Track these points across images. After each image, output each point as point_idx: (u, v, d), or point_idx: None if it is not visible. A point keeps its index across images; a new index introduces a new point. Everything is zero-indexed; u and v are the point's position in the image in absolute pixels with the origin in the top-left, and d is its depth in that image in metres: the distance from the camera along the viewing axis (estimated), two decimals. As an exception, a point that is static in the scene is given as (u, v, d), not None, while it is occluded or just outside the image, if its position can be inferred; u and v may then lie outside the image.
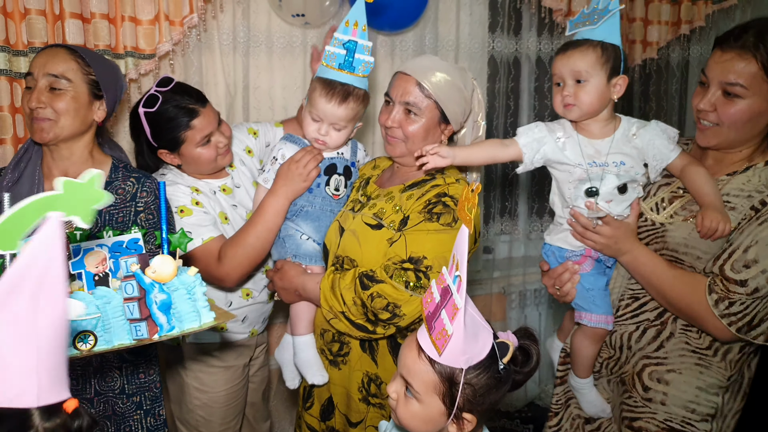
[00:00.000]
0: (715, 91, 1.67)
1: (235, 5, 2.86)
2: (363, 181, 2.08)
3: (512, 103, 3.63)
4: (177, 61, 2.80)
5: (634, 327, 1.85)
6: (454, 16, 3.28)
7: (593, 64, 1.68)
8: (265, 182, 2.02)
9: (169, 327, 1.38)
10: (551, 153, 1.77)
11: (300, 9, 2.77)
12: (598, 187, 1.72)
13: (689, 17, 3.58)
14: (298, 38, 3.00)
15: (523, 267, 3.79)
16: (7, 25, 2.37)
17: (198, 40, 2.79)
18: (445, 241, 1.74)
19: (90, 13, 2.50)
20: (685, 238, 1.72)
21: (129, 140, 2.80)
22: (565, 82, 1.73)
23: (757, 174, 1.68)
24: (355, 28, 1.88)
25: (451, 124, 1.90)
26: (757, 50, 1.60)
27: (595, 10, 1.70)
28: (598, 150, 1.74)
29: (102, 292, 1.35)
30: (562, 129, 1.79)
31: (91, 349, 1.33)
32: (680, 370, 1.77)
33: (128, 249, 1.44)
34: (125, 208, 1.92)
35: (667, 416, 1.78)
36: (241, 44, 2.91)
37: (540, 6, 3.30)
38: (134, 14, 2.56)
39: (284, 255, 1.99)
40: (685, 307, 1.69)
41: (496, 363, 1.23)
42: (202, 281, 1.43)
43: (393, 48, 3.18)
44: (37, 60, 1.85)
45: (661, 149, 1.74)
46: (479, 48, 3.39)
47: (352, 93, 1.89)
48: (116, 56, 2.55)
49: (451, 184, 1.84)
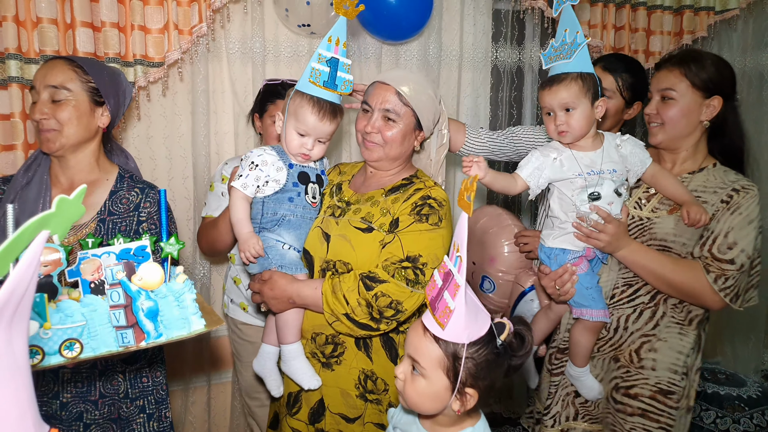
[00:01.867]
0: (656, 99, 2.13)
1: (243, 15, 2.91)
2: (334, 186, 2.13)
3: (515, 111, 3.67)
4: (185, 70, 2.85)
5: (632, 310, 2.14)
6: (457, 26, 3.32)
7: (577, 94, 1.93)
8: (243, 188, 1.93)
9: (157, 334, 1.38)
10: (553, 174, 2.01)
11: (306, 19, 2.81)
12: (600, 191, 1.99)
13: (691, 28, 3.61)
14: (304, 47, 3.05)
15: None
16: (20, 34, 2.42)
17: (206, 48, 2.84)
18: (435, 239, 1.89)
19: (101, 21, 2.55)
20: (673, 228, 2.06)
21: (137, 146, 2.85)
22: (555, 113, 1.97)
23: (711, 174, 2.10)
24: (337, 46, 1.93)
25: (424, 131, 2.04)
26: (680, 65, 2.09)
27: (564, 44, 1.95)
28: (593, 160, 2.00)
29: (89, 300, 1.36)
30: (555, 150, 2.02)
31: (77, 357, 1.33)
32: (666, 338, 2.11)
33: (135, 256, 1.44)
34: (128, 217, 1.95)
35: (657, 380, 2.11)
36: (249, 53, 2.95)
37: (543, 16, 3.33)
38: (144, 23, 2.61)
39: (268, 266, 1.96)
40: (687, 287, 2.02)
41: (494, 340, 1.34)
42: (192, 288, 1.42)
43: (398, 57, 3.22)
44: (38, 73, 1.90)
45: (640, 157, 2.04)
46: (482, 58, 3.43)
47: (338, 110, 1.97)
48: (125, 64, 2.60)
49: (431, 187, 1.98)
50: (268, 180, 1.94)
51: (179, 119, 2.93)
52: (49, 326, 1.29)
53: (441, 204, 1.93)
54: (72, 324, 1.32)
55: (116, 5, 2.56)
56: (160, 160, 2.91)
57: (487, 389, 1.38)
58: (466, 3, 3.34)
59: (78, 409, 1.90)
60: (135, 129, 2.85)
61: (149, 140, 2.89)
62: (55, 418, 1.87)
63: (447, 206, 1.96)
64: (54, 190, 1.92)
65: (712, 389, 3.46)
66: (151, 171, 2.89)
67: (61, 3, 2.46)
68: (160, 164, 2.92)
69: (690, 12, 3.58)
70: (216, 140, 2.98)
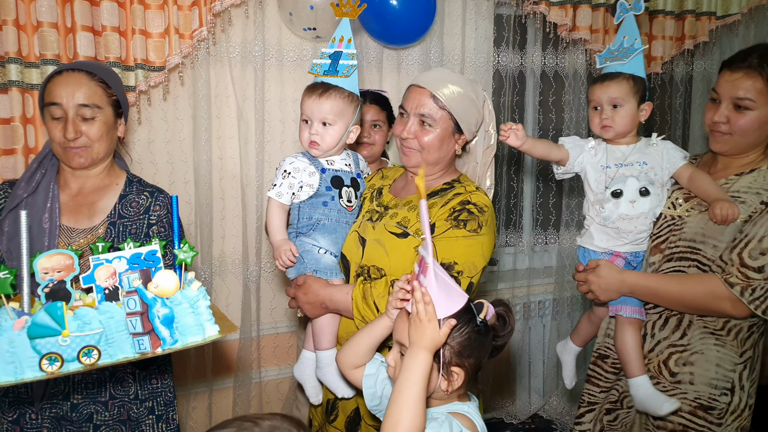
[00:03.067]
0: (727, 105, 1.96)
1: (244, 19, 2.90)
2: (375, 191, 2.10)
3: (517, 116, 3.66)
4: (186, 74, 2.84)
5: (657, 316, 2.09)
6: (459, 31, 3.32)
7: (627, 92, 2.05)
8: (278, 197, 1.98)
9: (172, 341, 1.40)
10: (586, 160, 2.14)
11: (311, 23, 2.80)
12: (622, 188, 2.05)
13: (693, 33, 3.61)
14: (308, 51, 3.04)
15: (527, 279, 3.81)
16: (20, 38, 2.41)
17: (207, 53, 2.83)
18: (473, 246, 1.83)
19: (101, 26, 2.53)
20: (702, 228, 1.97)
21: (138, 151, 2.84)
22: (602, 107, 2.08)
23: (762, 175, 1.97)
24: (341, 42, 1.97)
25: (465, 134, 1.96)
26: (762, 69, 1.91)
27: (621, 48, 2.08)
28: (623, 153, 2.09)
29: (106, 308, 1.38)
30: (593, 140, 2.17)
31: (95, 363, 1.35)
32: (702, 350, 1.99)
33: (146, 261, 1.45)
34: (139, 220, 1.95)
35: (697, 394, 2.00)
36: (250, 57, 2.94)
37: (545, 21, 3.33)
38: (145, 27, 2.60)
39: (303, 271, 1.97)
40: (703, 305, 1.93)
41: (474, 319, 1.41)
42: (206, 295, 1.45)
43: (399, 62, 3.21)
44: (62, 89, 1.83)
45: (673, 156, 2.07)
46: (484, 62, 3.42)
47: (332, 87, 1.94)
48: (126, 68, 2.59)
49: (473, 192, 1.91)
50: (302, 185, 1.97)
51: (180, 123, 2.92)
52: (67, 333, 1.31)
53: (482, 210, 1.87)
54: (90, 331, 1.34)
55: (117, 9, 2.55)
56: (161, 165, 2.90)
57: (474, 369, 1.44)
58: (468, 7, 3.33)
59: (89, 410, 1.91)
60: (136, 133, 2.84)
61: (150, 144, 2.87)
62: (66, 420, 1.87)
63: (489, 212, 1.89)
64: (63, 194, 1.91)
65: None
66: (152, 175, 2.87)
67: (62, 7, 2.45)
68: (161, 169, 2.90)
69: (692, 17, 3.59)
70: (218, 144, 2.96)
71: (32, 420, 1.86)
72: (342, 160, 2.06)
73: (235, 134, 3.00)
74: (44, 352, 1.32)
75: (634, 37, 2.07)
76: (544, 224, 3.89)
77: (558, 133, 3.77)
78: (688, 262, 1.99)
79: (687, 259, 1.99)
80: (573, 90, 3.58)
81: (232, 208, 3.06)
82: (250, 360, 3.16)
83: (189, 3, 2.64)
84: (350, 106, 1.97)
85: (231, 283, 3.11)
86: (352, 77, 1.96)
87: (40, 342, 1.31)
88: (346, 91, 1.95)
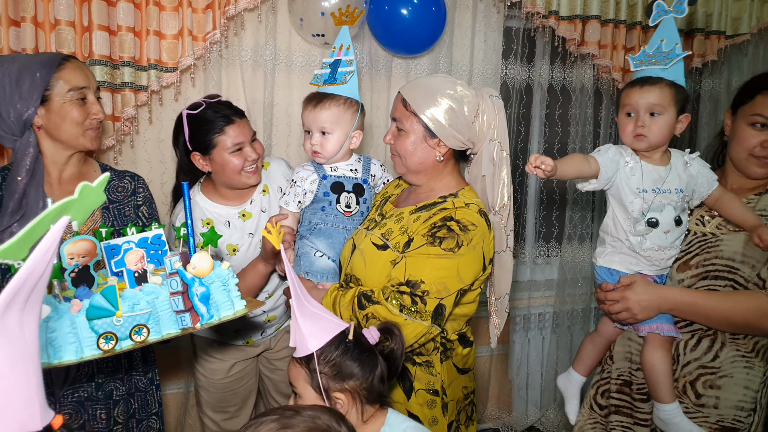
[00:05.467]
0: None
1: (257, 23, 2.95)
2: (383, 199, 2.11)
3: (523, 129, 3.69)
4: (198, 76, 2.89)
5: (690, 335, 1.97)
6: (468, 42, 3.35)
7: (669, 100, 1.84)
8: (285, 204, 2.10)
9: (209, 316, 1.54)
10: (621, 178, 1.90)
11: (320, 29, 2.84)
12: (659, 218, 1.88)
13: (702, 51, 3.63)
14: (316, 57, 3.08)
15: (528, 291, 3.83)
16: (37, 35, 2.46)
17: (219, 55, 2.88)
18: (445, 267, 1.73)
19: (117, 25, 2.59)
20: (742, 248, 1.88)
21: (147, 149, 2.88)
22: (638, 114, 1.87)
23: None
24: (341, 50, 2.03)
25: (441, 139, 1.87)
26: None
27: (659, 51, 1.88)
28: (661, 176, 1.89)
29: (150, 289, 1.50)
30: (630, 155, 1.92)
31: (145, 340, 1.49)
32: (731, 374, 1.91)
33: (153, 244, 1.59)
34: (128, 203, 2.09)
35: (719, 417, 1.93)
36: (261, 61, 2.99)
37: (554, 35, 3.36)
38: (159, 28, 2.65)
39: (298, 272, 2.05)
40: (750, 321, 1.85)
41: (344, 340, 1.48)
42: (234, 274, 1.58)
43: (408, 71, 3.25)
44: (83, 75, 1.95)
45: (708, 178, 1.93)
46: (492, 74, 3.45)
47: (327, 96, 2.00)
48: (139, 68, 2.64)
49: (460, 208, 1.81)
50: (305, 192, 2.06)
51: (190, 124, 2.95)
52: (121, 314, 1.44)
53: (465, 228, 1.76)
54: (140, 311, 1.47)
55: (133, 10, 2.61)
56: (169, 164, 2.94)
57: (362, 389, 1.48)
58: (478, 19, 3.36)
59: (110, 387, 2.03)
60: (146, 132, 2.89)
61: (160, 144, 2.92)
62: (91, 399, 1.99)
63: (477, 230, 1.78)
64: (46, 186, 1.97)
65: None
66: (161, 174, 2.92)
67: (80, 6, 2.51)
68: (170, 168, 2.94)
69: (701, 36, 3.61)
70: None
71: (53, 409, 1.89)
72: (347, 166, 2.11)
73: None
74: (101, 332, 1.43)
75: (674, 41, 1.87)
76: (546, 237, 3.91)
77: (563, 146, 3.79)
78: (724, 281, 1.90)
79: (723, 278, 1.90)
80: (580, 104, 3.60)
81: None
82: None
83: (203, 6, 2.69)
84: (347, 112, 2.02)
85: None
86: (350, 83, 2.00)
87: (97, 323, 1.42)
88: (342, 98, 2.00)
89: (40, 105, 1.88)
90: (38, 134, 1.92)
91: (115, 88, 2.63)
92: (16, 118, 1.87)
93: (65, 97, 1.90)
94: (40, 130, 1.92)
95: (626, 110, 1.91)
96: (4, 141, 1.93)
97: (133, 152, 2.85)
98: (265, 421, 1.16)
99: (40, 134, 1.93)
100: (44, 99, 1.88)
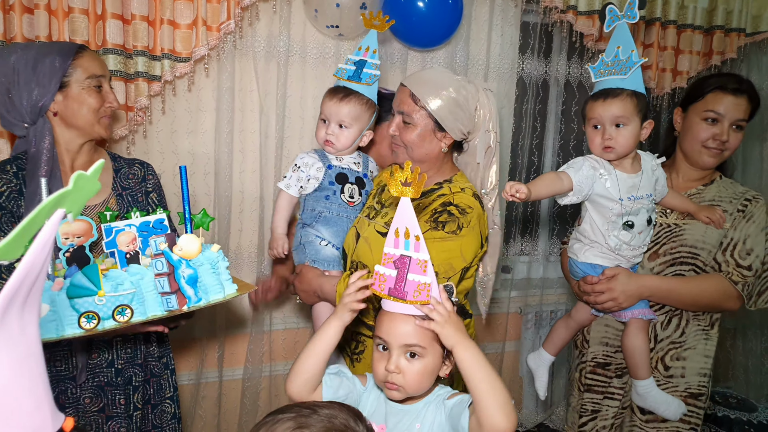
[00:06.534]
0: (729, 125, 2.15)
1: (271, 14, 2.92)
2: (379, 188, 2.18)
3: (539, 124, 3.65)
4: (212, 66, 2.86)
5: (663, 317, 2.22)
6: (485, 36, 3.31)
7: (632, 111, 1.93)
8: (286, 188, 2.12)
9: (197, 299, 1.53)
10: (598, 190, 2.00)
11: (335, 21, 2.81)
12: (634, 221, 2.03)
13: (721, 48, 3.57)
14: (330, 49, 3.05)
15: (541, 288, 3.79)
16: (51, 22, 2.44)
17: (233, 46, 2.85)
18: (450, 248, 1.86)
19: (131, 14, 2.56)
20: (702, 235, 2.15)
21: (160, 140, 2.86)
22: (604, 126, 1.96)
23: (722, 185, 2.23)
24: (367, 51, 2.09)
25: (449, 133, 1.98)
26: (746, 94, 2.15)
27: (617, 60, 1.95)
28: (635, 184, 2.01)
29: (135, 269, 1.49)
30: (603, 166, 2.01)
31: (128, 321, 1.47)
32: (694, 345, 2.21)
33: (155, 228, 1.60)
34: (140, 189, 2.11)
35: (687, 385, 2.22)
36: (274, 52, 2.96)
37: (571, 30, 3.31)
38: (173, 17, 2.62)
39: (304, 260, 2.10)
40: (714, 301, 2.14)
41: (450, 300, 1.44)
42: (224, 257, 1.58)
43: (424, 65, 3.21)
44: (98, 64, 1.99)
45: (663, 181, 2.12)
46: (509, 68, 3.42)
47: (353, 92, 2.05)
48: (153, 58, 2.62)
49: (456, 193, 1.94)
50: (309, 178, 2.08)
51: (203, 115, 2.94)
52: (103, 294, 1.43)
53: (464, 211, 1.90)
54: (123, 291, 1.46)
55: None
56: (182, 155, 2.92)
57: None
58: (495, 13, 3.32)
59: (129, 373, 2.05)
60: (159, 123, 2.87)
61: (173, 134, 2.90)
62: (110, 385, 2.00)
63: (473, 213, 1.91)
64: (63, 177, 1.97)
65: (723, 413, 3.46)
66: (173, 166, 2.90)
67: (94, -6, 2.48)
68: (182, 159, 2.92)
69: (720, 33, 3.55)
70: (239, 138, 2.98)
71: (73, 395, 1.95)
72: (351, 159, 2.18)
73: (256, 128, 3.01)
74: (82, 311, 1.42)
75: (630, 48, 1.93)
76: (560, 234, 3.87)
77: (578, 143, 3.76)
78: (688, 266, 2.17)
79: (687, 264, 2.16)
80: (596, 100, 3.55)
81: (251, 203, 3.08)
82: (261, 353, 3.18)
83: (218, -4, 2.66)
84: (367, 112, 2.09)
85: (246, 275, 3.12)
86: (374, 86, 2.09)
87: (78, 301, 1.42)
88: (365, 97, 2.07)
89: (58, 91, 1.88)
90: (53, 121, 1.92)
91: (129, 77, 2.60)
92: (31, 104, 1.86)
93: (83, 84, 1.92)
94: (56, 116, 1.91)
95: (592, 123, 2.00)
96: (14, 128, 1.93)
97: (145, 142, 2.83)
98: (282, 419, 1.13)
99: (55, 121, 1.92)
100: (62, 85, 1.89)
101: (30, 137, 1.90)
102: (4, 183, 1.87)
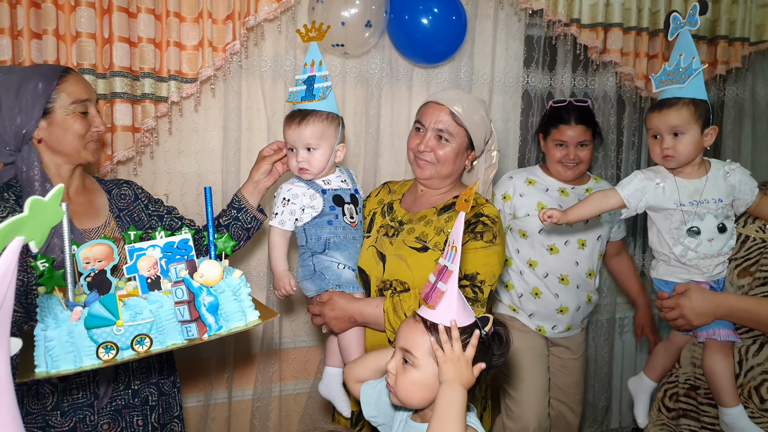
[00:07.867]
0: None
1: (277, 34, 2.93)
2: (385, 206, 2.17)
3: (545, 137, 3.64)
4: (218, 86, 2.87)
5: (752, 341, 2.02)
6: (489, 51, 3.32)
7: (688, 119, 1.92)
8: (281, 225, 2.01)
9: (218, 327, 1.48)
10: (653, 200, 1.99)
11: (341, 39, 2.82)
12: (700, 226, 1.96)
13: (726, 58, 3.58)
14: (336, 68, 3.06)
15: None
16: (59, 47, 2.46)
17: (239, 66, 2.86)
18: (491, 256, 1.92)
19: (137, 37, 2.58)
20: None
21: (167, 160, 2.87)
22: (662, 136, 1.97)
23: None
24: (313, 66, 2.01)
25: (475, 151, 2.08)
26: None
27: (677, 68, 1.95)
28: (697, 188, 1.97)
29: (155, 297, 1.45)
30: (660, 175, 2.01)
31: (148, 350, 1.43)
32: None
33: (179, 249, 1.53)
34: (136, 208, 2.08)
35: None
36: (281, 71, 2.97)
37: (575, 43, 3.32)
38: (179, 39, 2.64)
39: (325, 287, 2.00)
40: None
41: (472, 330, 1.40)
42: (246, 283, 1.53)
43: (429, 80, 3.22)
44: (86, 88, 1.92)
45: (750, 186, 2.00)
46: (513, 82, 3.42)
47: (310, 112, 1.97)
48: (159, 79, 2.63)
49: (483, 204, 2.00)
50: (303, 208, 1.99)
51: (210, 135, 2.95)
52: (121, 323, 1.39)
53: (494, 221, 1.95)
54: (142, 320, 1.42)
55: (153, 21, 2.60)
56: (189, 175, 2.93)
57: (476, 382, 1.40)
58: (499, 28, 3.33)
59: (145, 393, 2.02)
60: (166, 143, 2.88)
61: (180, 155, 2.91)
62: (128, 407, 1.97)
63: (499, 223, 1.98)
64: None
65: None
66: (180, 185, 2.91)
67: (101, 18, 2.50)
68: (189, 179, 2.93)
69: (724, 42, 3.55)
70: (247, 157, 2.98)
71: (91, 422, 1.90)
72: (337, 178, 2.10)
73: (265, 147, 3.01)
74: (100, 341, 1.39)
75: (692, 55, 1.92)
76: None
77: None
78: None
79: None
80: (602, 113, 3.56)
81: (258, 221, 3.07)
82: (270, 373, 3.16)
83: (223, 17, 2.68)
84: (331, 127, 2.00)
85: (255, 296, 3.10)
86: (329, 98, 2.00)
87: (96, 332, 1.38)
88: (324, 113, 1.98)
89: (42, 117, 1.82)
90: (38, 148, 1.86)
91: (136, 99, 2.62)
92: (14, 132, 1.80)
93: (68, 110, 1.85)
94: (40, 143, 1.85)
95: (651, 133, 2.02)
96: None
97: (153, 163, 2.84)
98: None
99: (41, 148, 1.86)
100: (46, 111, 1.83)
101: (18, 164, 1.85)
102: (7, 210, 1.81)
